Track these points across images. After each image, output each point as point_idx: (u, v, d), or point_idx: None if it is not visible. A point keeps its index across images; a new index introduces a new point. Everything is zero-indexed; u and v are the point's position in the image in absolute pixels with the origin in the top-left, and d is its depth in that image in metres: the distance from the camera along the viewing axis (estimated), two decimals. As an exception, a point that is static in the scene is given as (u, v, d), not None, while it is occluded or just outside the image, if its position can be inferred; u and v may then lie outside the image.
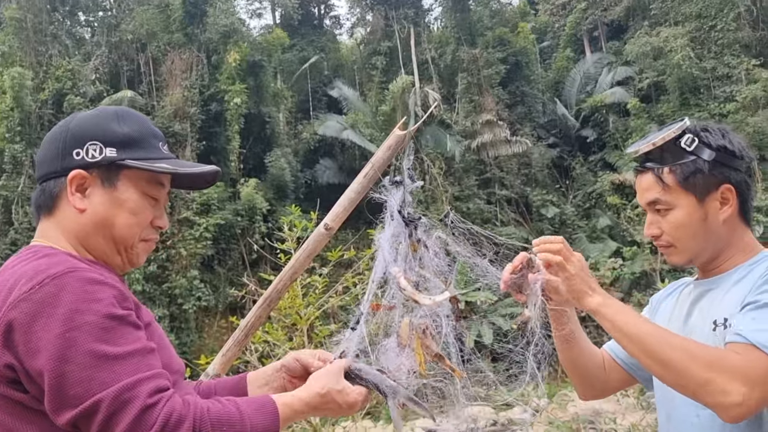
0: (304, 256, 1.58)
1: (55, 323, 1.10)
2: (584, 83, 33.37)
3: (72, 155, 1.31)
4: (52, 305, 1.11)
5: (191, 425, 1.11)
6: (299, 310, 4.83)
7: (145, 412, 1.09)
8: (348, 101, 30.98)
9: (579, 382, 1.80)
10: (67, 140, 1.32)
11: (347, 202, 1.53)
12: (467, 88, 30.38)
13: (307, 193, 27.99)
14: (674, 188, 1.52)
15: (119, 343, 1.13)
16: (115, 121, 1.34)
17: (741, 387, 1.31)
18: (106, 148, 1.30)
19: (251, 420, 1.18)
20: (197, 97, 27.16)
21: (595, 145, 31.51)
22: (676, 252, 1.58)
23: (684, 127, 1.53)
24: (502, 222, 28.79)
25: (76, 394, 1.08)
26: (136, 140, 1.33)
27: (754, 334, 1.35)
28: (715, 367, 1.33)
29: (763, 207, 26.31)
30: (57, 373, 1.08)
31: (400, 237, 1.52)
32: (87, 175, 1.31)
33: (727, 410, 1.33)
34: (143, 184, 1.33)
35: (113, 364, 1.10)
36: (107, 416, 1.08)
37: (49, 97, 25.74)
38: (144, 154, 1.33)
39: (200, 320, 23.80)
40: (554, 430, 5.77)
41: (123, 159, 1.31)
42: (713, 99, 29.58)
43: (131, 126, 1.35)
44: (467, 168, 29.13)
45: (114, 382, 1.09)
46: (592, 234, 28.46)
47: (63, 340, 1.09)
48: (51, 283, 1.13)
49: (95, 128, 1.33)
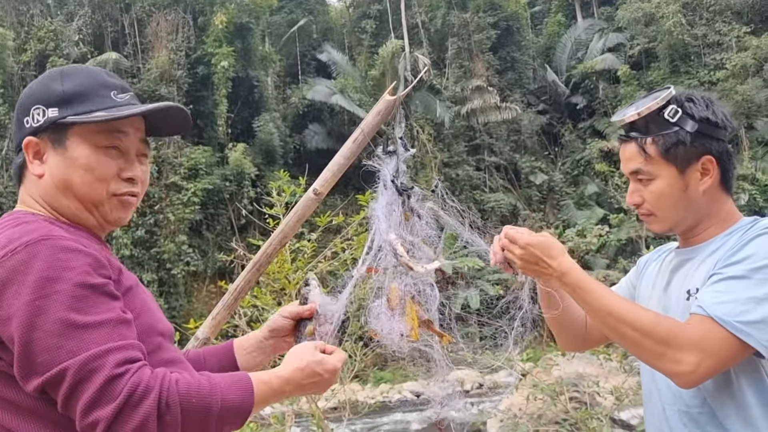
0: (294, 221, 1.59)
1: (26, 290, 1.09)
2: (575, 49, 33.16)
3: (23, 124, 1.31)
4: (24, 272, 1.11)
5: (157, 396, 1.09)
6: (288, 275, 4.85)
7: (111, 382, 1.07)
8: (337, 65, 30.63)
9: (560, 335, 1.87)
10: (20, 110, 1.32)
11: (336, 167, 1.53)
12: (457, 53, 30.11)
13: (295, 158, 27.85)
14: (656, 159, 1.55)
15: (90, 312, 1.11)
16: (58, 80, 1.32)
17: (693, 357, 1.39)
18: (48, 109, 1.29)
19: (223, 394, 1.16)
20: (183, 60, 26.73)
21: (585, 112, 31.49)
22: (656, 220, 1.62)
23: (669, 97, 1.55)
24: (491, 188, 28.86)
25: (43, 362, 1.07)
26: (80, 94, 1.30)
27: (713, 308, 1.41)
28: (670, 340, 1.42)
29: (749, 175, 26.54)
30: (25, 340, 1.08)
31: (393, 206, 1.53)
32: (38, 140, 1.30)
33: (679, 377, 1.43)
34: (95, 137, 1.30)
35: (82, 333, 1.09)
36: (72, 385, 1.07)
37: (32, 59, 25.24)
38: (90, 107, 1.29)
39: (189, 285, 23.86)
40: (538, 392, 5.88)
41: (64, 117, 1.28)
42: (703, 66, 29.53)
43: (74, 81, 1.32)
44: (456, 134, 29.06)
45: (81, 351, 1.07)
46: (580, 201, 28.63)
47: (32, 308, 1.08)
48: (23, 250, 1.13)
49: (37, 92, 1.32)
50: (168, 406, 1.09)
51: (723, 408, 1.48)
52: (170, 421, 1.09)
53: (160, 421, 1.08)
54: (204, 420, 1.13)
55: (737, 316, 1.39)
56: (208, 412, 1.13)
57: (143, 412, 1.07)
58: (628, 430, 6.87)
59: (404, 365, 16.06)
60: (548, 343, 16.79)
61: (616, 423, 6.59)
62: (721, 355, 1.39)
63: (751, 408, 1.46)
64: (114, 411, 1.06)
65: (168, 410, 1.09)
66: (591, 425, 5.73)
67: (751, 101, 27.75)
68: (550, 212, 29.29)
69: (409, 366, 1.52)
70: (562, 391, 5.92)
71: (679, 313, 1.53)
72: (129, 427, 1.06)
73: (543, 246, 1.52)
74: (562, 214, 28.53)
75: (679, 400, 1.55)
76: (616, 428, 6.46)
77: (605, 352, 5.49)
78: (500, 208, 27.70)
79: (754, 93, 27.58)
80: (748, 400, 1.46)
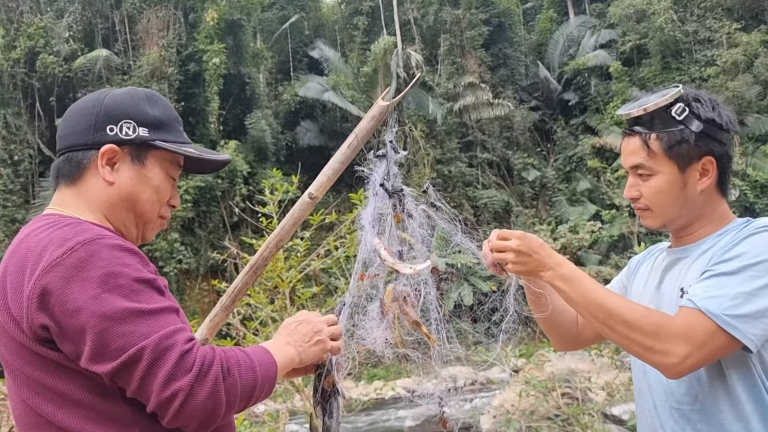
0: (290, 225, 1.61)
1: (91, 285, 1.18)
2: (567, 46, 33.24)
3: (105, 130, 1.38)
4: (86, 269, 1.19)
5: (219, 364, 1.22)
6: (281, 273, 4.85)
7: (184, 356, 1.19)
8: (329, 62, 30.57)
9: (553, 335, 1.89)
10: (101, 115, 1.39)
11: (331, 171, 1.55)
12: (450, 49, 30.12)
13: (287, 155, 27.80)
14: (659, 155, 1.56)
15: (150, 302, 1.22)
16: (148, 103, 1.42)
17: (681, 349, 1.41)
18: (140, 127, 1.39)
19: (257, 358, 1.31)
20: (175, 56, 26.61)
21: (577, 109, 31.58)
22: (651, 216, 1.63)
23: (677, 95, 1.56)
24: (484, 185, 28.92)
25: (118, 347, 1.17)
26: (165, 123, 1.43)
27: (703, 301, 1.43)
28: (658, 332, 1.44)
29: (740, 171, 26.70)
30: (99, 329, 1.17)
31: (383, 210, 1.56)
32: (119, 150, 1.38)
33: (667, 369, 1.45)
34: (167, 164, 1.43)
35: (148, 319, 1.20)
36: (151, 362, 1.17)
37: (22, 56, 25.06)
38: (171, 137, 1.42)
39: (181, 283, 23.80)
40: (531, 389, 5.92)
41: (154, 140, 1.40)
42: (694, 63, 29.67)
43: (161, 110, 1.44)
44: (449, 131, 29.08)
45: (153, 333, 1.18)
46: (572, 197, 28.73)
47: (101, 300, 1.18)
48: (81, 248, 1.21)
49: (129, 107, 1.40)
50: (228, 371, 1.23)
51: (715, 404, 1.50)
52: (232, 383, 1.23)
53: (225, 384, 1.22)
54: (254, 382, 1.27)
55: (726, 309, 1.41)
56: (255, 375, 1.27)
57: (212, 379, 1.20)
58: (620, 425, 6.93)
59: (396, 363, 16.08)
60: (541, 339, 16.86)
61: (607, 418, 6.65)
62: (708, 348, 1.41)
63: (743, 403, 1.48)
64: (191, 381, 1.18)
65: (229, 375, 1.23)
66: (583, 421, 5.77)
67: (741, 97, 27.90)
68: (542, 208, 29.39)
69: (402, 363, 1.55)
70: (554, 387, 5.96)
71: (672, 311, 1.55)
72: (203, 394, 1.19)
73: (536, 240, 1.55)
74: (554, 211, 28.63)
75: (670, 396, 1.57)
76: (607, 423, 6.51)
77: (597, 348, 5.53)
78: (493, 205, 27.77)
79: (744, 89, 27.73)
80: (740, 395, 1.48)
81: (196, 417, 1.19)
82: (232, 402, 1.23)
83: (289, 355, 1.41)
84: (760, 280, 1.43)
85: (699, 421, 1.52)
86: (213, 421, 1.22)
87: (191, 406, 1.18)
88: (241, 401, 1.25)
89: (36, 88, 25.45)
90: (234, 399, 1.23)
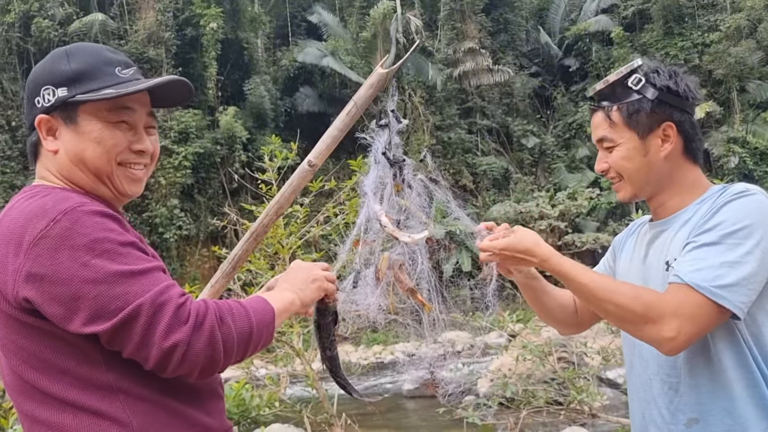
0: (289, 192, 1.63)
1: (79, 253, 1.21)
2: (568, 11, 32.77)
3: (34, 104, 1.39)
4: (71, 238, 1.22)
5: (213, 314, 1.27)
6: (281, 240, 4.90)
7: (179, 309, 1.24)
8: (328, 27, 30.16)
9: (554, 322, 1.94)
10: (29, 93, 1.41)
11: (330, 139, 1.56)
12: (450, 14, 29.69)
13: (287, 121, 27.63)
14: (619, 125, 1.64)
15: (138, 263, 1.26)
16: (64, 60, 1.39)
17: (673, 324, 1.45)
18: (58, 89, 1.37)
19: (251, 306, 1.36)
20: (171, 21, 26.23)
21: (578, 75, 31.29)
22: (622, 186, 1.69)
23: (632, 67, 1.64)
24: (483, 152, 28.82)
25: (116, 307, 1.21)
26: (86, 73, 1.38)
27: (689, 275, 1.47)
28: (649, 311, 1.48)
29: (740, 138, 26.61)
30: (94, 294, 1.20)
31: (384, 179, 1.59)
32: (50, 118, 1.38)
33: (661, 345, 1.49)
34: (104, 113, 1.38)
35: (140, 278, 1.24)
36: (149, 317, 1.21)
37: (16, 20, 24.69)
38: (97, 84, 1.37)
39: (181, 249, 23.89)
40: (527, 353, 6.01)
41: (74, 95, 1.36)
42: (697, 28, 29.30)
43: (79, 60, 1.39)
44: (449, 97, 28.86)
45: (146, 290, 1.23)
46: (571, 164, 28.66)
47: (91, 267, 1.21)
48: (64, 218, 1.23)
49: (46, 73, 1.39)
50: (222, 320, 1.28)
51: (699, 373, 1.54)
52: (227, 330, 1.27)
53: (221, 332, 1.26)
54: (249, 329, 1.31)
55: (712, 281, 1.45)
56: (249, 321, 1.32)
57: (208, 329, 1.25)
58: (615, 388, 7.05)
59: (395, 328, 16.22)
60: (538, 304, 16.98)
61: (603, 382, 6.77)
62: (700, 320, 1.45)
63: (727, 371, 1.51)
64: (188, 332, 1.23)
65: (223, 323, 1.27)
66: (578, 384, 5.88)
67: (743, 63, 27.63)
68: (541, 175, 29.36)
69: (401, 328, 1.60)
70: (550, 352, 6.06)
71: (659, 284, 1.59)
72: (201, 343, 1.24)
73: (515, 244, 1.58)
74: (553, 177, 28.60)
75: (661, 369, 1.61)
76: (602, 387, 6.63)
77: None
78: (492, 172, 27.71)
79: (747, 55, 27.44)
80: (725, 363, 1.51)
81: (197, 365, 1.24)
82: (229, 349, 1.28)
83: (287, 299, 1.46)
84: (741, 247, 1.46)
85: (685, 393, 1.56)
86: (213, 367, 1.27)
87: (191, 355, 1.23)
88: (239, 348, 1.30)
89: (32, 53, 25.13)
90: (231, 345, 1.28)
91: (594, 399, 5.72)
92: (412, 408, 10.85)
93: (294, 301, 1.47)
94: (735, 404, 1.51)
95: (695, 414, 1.55)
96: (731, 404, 1.51)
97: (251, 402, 6.08)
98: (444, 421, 6.00)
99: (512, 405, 5.87)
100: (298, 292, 1.49)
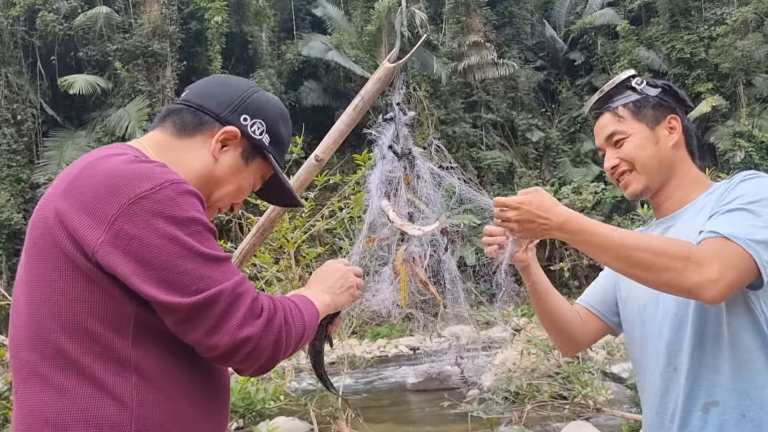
0: (296, 187, 1.64)
1: (175, 226, 1.22)
2: (574, 4, 32.64)
3: (240, 117, 1.45)
4: (172, 208, 1.22)
5: (282, 309, 1.31)
6: (286, 234, 4.90)
7: (255, 302, 1.27)
8: (332, 20, 30.12)
9: (558, 336, 1.90)
10: (245, 103, 1.46)
11: (337, 133, 1.56)
12: (455, 7, 29.61)
13: (291, 115, 27.10)
14: (628, 119, 1.71)
15: (219, 251, 1.29)
16: (282, 120, 1.52)
17: (716, 266, 1.40)
18: (266, 133, 1.46)
19: (304, 308, 1.40)
20: (176, 14, 26.23)
21: (583, 69, 31.18)
22: (635, 176, 1.69)
23: (631, 73, 1.77)
24: (488, 146, 28.78)
25: (198, 288, 1.22)
26: (282, 144, 1.52)
27: (724, 227, 1.46)
28: (688, 254, 1.43)
29: (746, 132, 26.50)
30: (182, 269, 1.21)
31: (392, 172, 1.59)
32: (239, 138, 1.44)
33: (705, 288, 1.41)
34: (260, 176, 1.51)
35: (222, 265, 1.26)
36: (227, 305, 1.23)
37: (21, 14, 24.73)
38: (280, 158, 1.52)
39: (186, 243, 23.93)
40: (532, 347, 6.02)
41: (269, 151, 1.47)
42: (703, 22, 29.15)
43: (286, 132, 1.53)
44: (453, 91, 28.80)
45: (228, 278, 1.25)
46: (576, 158, 28.60)
47: (183, 243, 1.22)
48: (170, 187, 1.23)
49: (268, 113, 1.48)
50: (286, 320, 1.31)
51: (717, 354, 1.52)
52: (289, 332, 1.31)
53: (285, 332, 1.30)
54: (303, 331, 1.36)
55: (748, 234, 1.44)
56: (304, 323, 1.36)
57: (277, 326, 1.28)
58: (619, 382, 7.05)
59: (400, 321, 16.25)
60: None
61: (607, 376, 6.76)
62: (739, 268, 1.42)
63: (745, 351, 1.50)
64: (261, 327, 1.25)
65: (286, 323, 1.31)
66: (583, 378, 5.89)
67: (750, 57, 27.49)
68: (546, 170, 29.30)
69: (406, 322, 1.61)
70: (555, 346, 6.06)
71: None
72: (269, 340, 1.27)
73: (535, 201, 1.52)
74: (558, 172, 28.54)
75: (674, 359, 1.59)
76: (607, 381, 6.63)
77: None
78: (497, 166, 27.68)
79: (753, 49, 27.30)
80: (743, 342, 1.50)
81: (260, 360, 1.27)
82: (287, 349, 1.31)
83: (325, 302, 1.49)
84: (765, 215, 1.47)
85: (703, 377, 1.54)
86: (272, 363, 1.30)
87: (259, 349, 1.25)
88: (294, 347, 1.34)
89: (37, 47, 25.19)
90: (289, 345, 1.32)
91: (598, 393, 5.73)
92: (416, 401, 10.87)
93: (330, 305, 1.50)
94: (754, 384, 1.50)
95: (713, 397, 1.53)
96: (750, 384, 1.51)
97: (256, 395, 6.11)
98: (448, 414, 6.02)
99: (517, 399, 5.88)
100: (333, 295, 1.51)
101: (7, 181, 22.86)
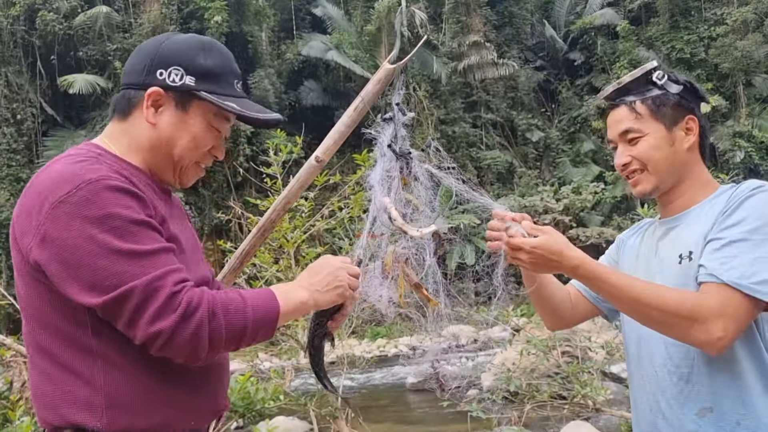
0: (297, 187, 1.64)
1: (90, 224, 1.26)
2: (574, 4, 32.63)
3: (155, 74, 1.43)
4: (87, 208, 1.26)
5: (206, 307, 1.29)
6: (286, 234, 4.90)
7: (171, 297, 1.26)
8: (332, 20, 30.10)
9: (546, 314, 1.91)
10: (155, 59, 1.44)
11: (338, 135, 1.56)
12: (454, 7, 29.60)
13: (291, 115, 27.61)
14: (646, 117, 1.66)
15: (145, 244, 1.29)
16: (201, 53, 1.45)
17: (720, 324, 1.46)
18: (187, 76, 1.43)
19: (253, 303, 1.35)
20: (176, 14, 26.22)
21: (583, 69, 31.18)
22: (646, 177, 1.67)
23: (654, 65, 1.69)
24: (488, 146, 28.77)
25: (111, 284, 1.25)
26: (215, 74, 1.45)
27: (726, 274, 1.48)
28: (695, 314, 1.47)
29: (746, 132, 26.51)
30: (94, 267, 1.25)
31: (391, 172, 1.59)
32: (163, 94, 1.43)
33: (710, 346, 1.48)
34: (211, 116, 1.46)
35: (141, 260, 1.27)
36: (140, 301, 1.25)
37: (21, 13, 24.72)
38: (218, 89, 1.45)
39: (186, 242, 23.91)
40: (531, 347, 6.02)
41: (198, 90, 1.43)
42: (703, 22, 29.14)
43: (214, 60, 1.46)
44: (453, 91, 28.79)
45: (144, 273, 1.26)
46: (576, 158, 28.60)
47: (97, 241, 1.25)
48: (85, 188, 1.27)
49: (181, 55, 1.44)
50: (214, 314, 1.29)
51: (712, 362, 1.54)
52: (217, 326, 1.29)
53: (209, 326, 1.28)
54: (243, 326, 1.32)
55: (750, 278, 1.46)
56: (244, 318, 1.33)
57: (197, 321, 1.27)
58: (618, 383, 7.05)
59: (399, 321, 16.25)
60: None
61: (606, 376, 6.76)
62: (742, 317, 1.47)
63: (740, 361, 1.52)
64: (174, 321, 1.25)
65: (214, 318, 1.29)
66: (582, 378, 5.89)
67: (750, 57, 27.49)
68: (546, 169, 29.30)
69: (405, 322, 1.60)
70: (554, 346, 6.06)
71: (670, 277, 1.59)
72: (186, 334, 1.26)
73: (546, 245, 1.54)
74: (557, 171, 28.54)
75: (669, 361, 1.61)
76: (606, 381, 6.63)
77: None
78: (496, 166, 27.67)
79: (753, 49, 27.30)
80: (739, 352, 1.52)
81: (180, 353, 1.28)
82: (216, 343, 1.30)
83: (299, 298, 1.43)
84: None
85: (698, 382, 1.56)
86: (196, 356, 1.30)
87: (174, 343, 1.26)
88: (228, 342, 1.32)
89: (37, 46, 25.19)
90: (218, 340, 1.30)
91: (598, 393, 5.73)
92: (415, 401, 10.88)
93: (307, 302, 1.44)
94: (749, 393, 1.52)
95: (708, 403, 1.55)
96: (745, 393, 1.52)
97: (256, 395, 6.10)
98: (447, 414, 6.02)
99: (516, 399, 5.88)
100: (314, 293, 1.45)
101: (6, 180, 22.87)
